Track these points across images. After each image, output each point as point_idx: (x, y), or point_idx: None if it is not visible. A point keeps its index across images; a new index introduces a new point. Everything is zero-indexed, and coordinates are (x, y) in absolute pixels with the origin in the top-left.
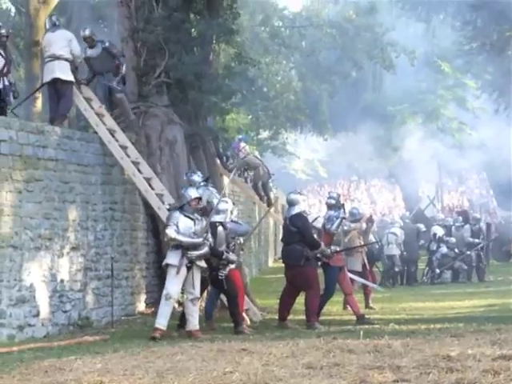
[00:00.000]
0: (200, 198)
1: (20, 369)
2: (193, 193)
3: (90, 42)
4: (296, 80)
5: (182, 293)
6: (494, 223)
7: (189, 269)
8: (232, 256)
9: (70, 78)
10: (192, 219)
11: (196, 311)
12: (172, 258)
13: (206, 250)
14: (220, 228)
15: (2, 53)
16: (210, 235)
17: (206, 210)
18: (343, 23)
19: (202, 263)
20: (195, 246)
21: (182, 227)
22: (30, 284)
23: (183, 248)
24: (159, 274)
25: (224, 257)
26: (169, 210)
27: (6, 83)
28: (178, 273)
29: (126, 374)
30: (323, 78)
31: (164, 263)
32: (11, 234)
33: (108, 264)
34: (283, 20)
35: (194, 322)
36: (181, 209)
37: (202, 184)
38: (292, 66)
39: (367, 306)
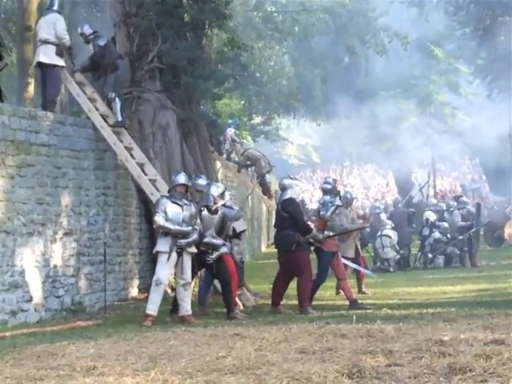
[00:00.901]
0: (187, 185)
1: (13, 354)
2: (181, 179)
3: (93, 37)
4: (289, 65)
5: (174, 278)
6: (487, 208)
7: (179, 254)
8: (216, 240)
9: (55, 61)
10: (180, 205)
11: (188, 296)
12: (162, 245)
13: (195, 237)
14: (205, 212)
15: None
16: (199, 221)
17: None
18: (336, 8)
19: (193, 249)
20: (184, 234)
21: (170, 214)
22: (23, 269)
23: (173, 235)
24: (152, 260)
25: (206, 241)
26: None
27: None
28: (168, 259)
29: (118, 359)
30: (316, 63)
31: (155, 250)
32: (4, 219)
33: (101, 249)
34: (276, 5)
35: (186, 307)
36: (169, 195)
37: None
38: (285, 51)
39: (360, 291)
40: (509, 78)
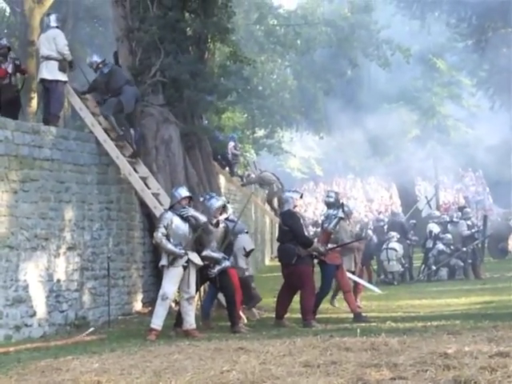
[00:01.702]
0: (191, 197)
1: (17, 369)
2: (183, 192)
3: (101, 65)
4: (291, 78)
5: (178, 292)
6: (490, 220)
7: (184, 268)
8: (216, 254)
9: (58, 77)
10: (184, 218)
11: (192, 310)
12: (166, 258)
13: (180, 252)
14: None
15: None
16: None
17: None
18: (338, 21)
19: (198, 261)
20: (176, 256)
21: (175, 227)
22: (27, 284)
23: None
24: (156, 274)
25: (204, 254)
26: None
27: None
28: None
29: (123, 374)
30: (318, 77)
31: (160, 264)
32: (7, 234)
33: (104, 263)
34: (278, 18)
35: (190, 321)
36: (172, 209)
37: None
38: (287, 65)
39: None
40: (511, 90)
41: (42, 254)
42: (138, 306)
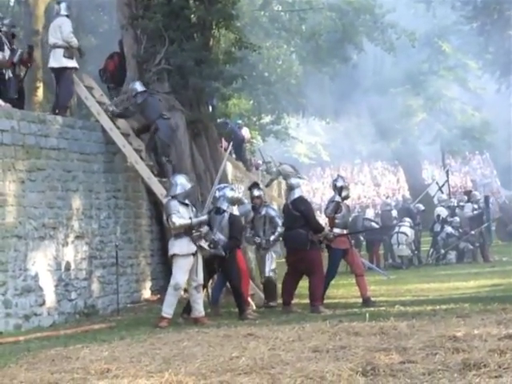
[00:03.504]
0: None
1: (27, 358)
2: (185, 181)
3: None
4: (297, 64)
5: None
6: (498, 203)
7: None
8: (223, 237)
9: (64, 64)
10: (187, 205)
11: (201, 298)
12: (178, 247)
13: (206, 228)
14: (212, 213)
15: (8, 44)
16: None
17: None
18: (343, 6)
19: (206, 244)
20: (202, 223)
21: (182, 214)
22: (36, 273)
23: (187, 234)
24: (164, 261)
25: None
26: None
27: (10, 75)
28: (194, 256)
29: (132, 362)
30: (324, 62)
31: (171, 253)
32: (15, 223)
33: (112, 252)
34: (283, 4)
35: (199, 309)
36: (175, 197)
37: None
38: (292, 50)
39: None
40: None
41: (50, 243)
42: (146, 293)
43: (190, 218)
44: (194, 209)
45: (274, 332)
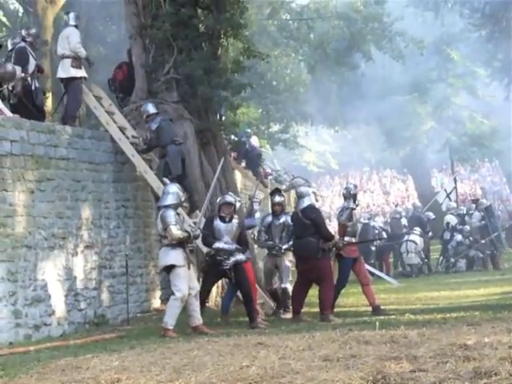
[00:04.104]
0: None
1: (37, 368)
2: (179, 193)
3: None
4: (305, 72)
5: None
6: (508, 211)
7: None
8: (228, 246)
9: (72, 74)
10: (178, 214)
11: (198, 305)
12: (175, 258)
13: (198, 232)
14: (217, 221)
15: (33, 54)
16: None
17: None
18: (351, 14)
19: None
20: (196, 237)
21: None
22: (45, 283)
23: (181, 245)
24: None
25: (216, 246)
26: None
27: (37, 85)
28: (189, 268)
29: (142, 371)
30: (332, 70)
31: (168, 263)
32: (25, 233)
33: (122, 261)
34: (291, 13)
35: (198, 317)
36: (171, 207)
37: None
38: (301, 59)
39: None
40: None
41: (59, 253)
42: (156, 303)
43: (187, 232)
44: (184, 218)
45: (284, 341)
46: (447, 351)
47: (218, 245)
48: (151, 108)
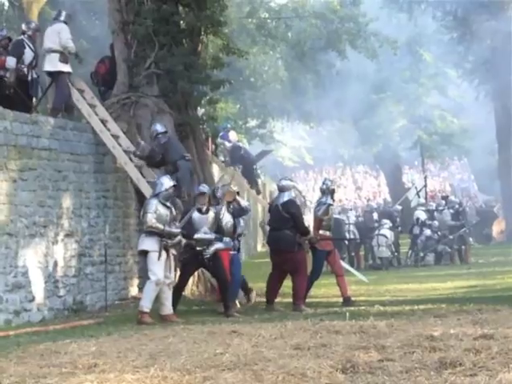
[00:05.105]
0: (175, 186)
1: (17, 352)
2: (166, 181)
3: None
4: (282, 70)
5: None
6: (475, 207)
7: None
8: (208, 235)
9: (59, 68)
10: (168, 207)
11: (170, 295)
12: (150, 244)
13: (179, 238)
14: (196, 214)
15: (31, 46)
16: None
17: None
18: (328, 14)
19: (174, 251)
20: (171, 235)
21: (159, 214)
22: (26, 270)
23: (159, 235)
24: None
25: (197, 236)
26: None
27: (34, 76)
28: (159, 258)
29: (119, 357)
30: (309, 68)
31: (142, 249)
32: (7, 221)
33: (101, 250)
34: (269, 11)
35: (169, 306)
36: (157, 196)
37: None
38: (278, 57)
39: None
40: (495, 81)
41: (40, 240)
42: (134, 291)
43: (164, 226)
44: (174, 212)
45: (257, 329)
46: (414, 342)
47: (198, 235)
48: (160, 127)
